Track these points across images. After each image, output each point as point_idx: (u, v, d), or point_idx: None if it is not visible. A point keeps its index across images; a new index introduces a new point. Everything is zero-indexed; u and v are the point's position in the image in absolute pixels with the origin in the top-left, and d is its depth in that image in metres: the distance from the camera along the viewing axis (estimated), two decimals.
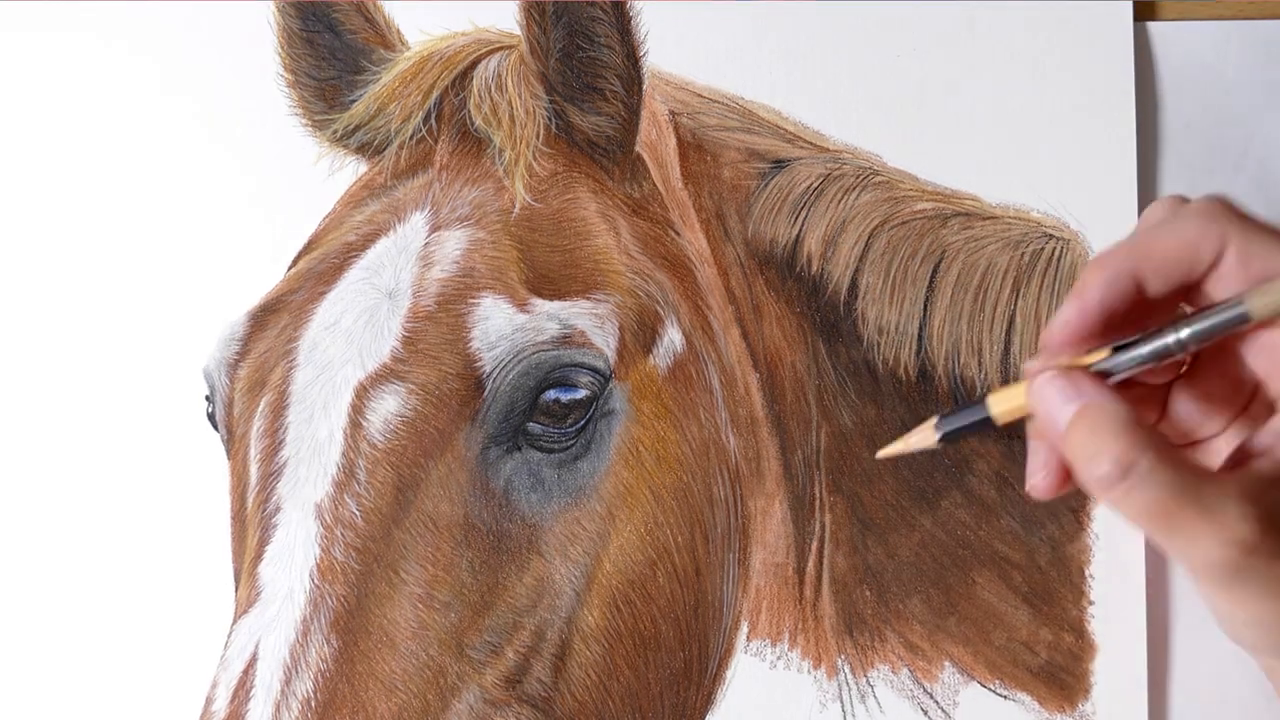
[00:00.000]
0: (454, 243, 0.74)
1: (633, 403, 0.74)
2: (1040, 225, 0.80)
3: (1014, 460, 0.79)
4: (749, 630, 0.80)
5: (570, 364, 0.71)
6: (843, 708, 0.80)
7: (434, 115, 0.78)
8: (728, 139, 0.81)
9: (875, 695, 0.80)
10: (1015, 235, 0.80)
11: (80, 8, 0.85)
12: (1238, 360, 0.62)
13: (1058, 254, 0.80)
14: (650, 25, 0.79)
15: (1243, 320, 0.58)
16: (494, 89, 0.76)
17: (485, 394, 0.70)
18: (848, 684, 0.80)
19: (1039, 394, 0.59)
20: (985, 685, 0.80)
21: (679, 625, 0.74)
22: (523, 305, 0.72)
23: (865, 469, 0.80)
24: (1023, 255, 0.80)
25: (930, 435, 0.64)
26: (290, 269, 0.79)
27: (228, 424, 0.76)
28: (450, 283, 0.72)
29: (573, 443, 0.72)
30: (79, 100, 0.85)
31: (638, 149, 0.78)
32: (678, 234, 0.79)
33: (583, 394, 0.72)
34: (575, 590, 0.71)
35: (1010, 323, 0.79)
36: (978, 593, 0.80)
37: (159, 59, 0.84)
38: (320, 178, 0.82)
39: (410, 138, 0.78)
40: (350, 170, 0.81)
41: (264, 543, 0.70)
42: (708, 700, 0.78)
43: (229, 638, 0.69)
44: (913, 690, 0.80)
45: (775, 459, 0.79)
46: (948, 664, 0.80)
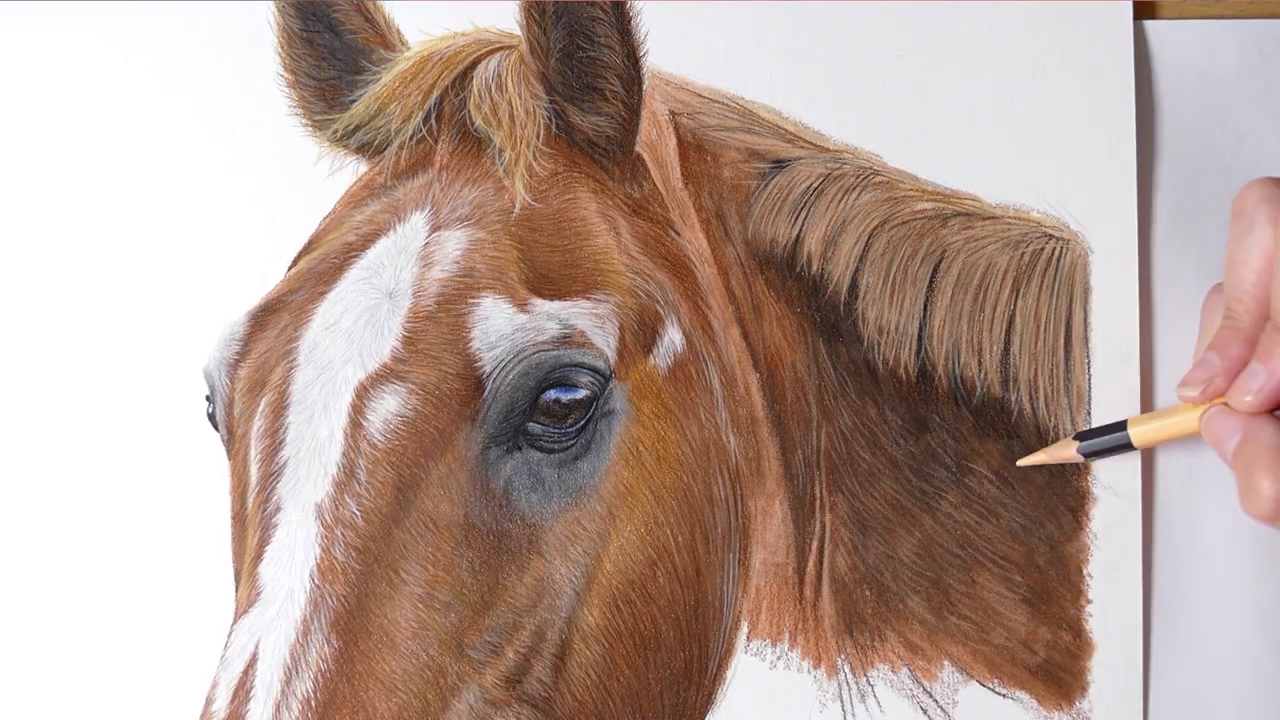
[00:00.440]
0: (454, 243, 0.73)
1: (633, 403, 0.74)
2: (1040, 225, 0.80)
3: (1013, 461, 0.80)
4: (749, 630, 0.80)
5: (570, 364, 0.71)
6: (843, 707, 0.80)
7: (434, 115, 0.78)
8: (728, 139, 0.81)
9: (875, 694, 0.80)
10: (1015, 235, 0.80)
11: (80, 8, 0.84)
12: None
13: (1058, 254, 0.80)
14: (650, 25, 0.79)
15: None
16: (494, 89, 0.76)
17: (485, 394, 0.70)
18: (848, 683, 0.80)
19: (1207, 426, 0.69)
20: (984, 684, 0.80)
21: (679, 625, 0.74)
22: (523, 305, 0.72)
23: (866, 469, 0.80)
24: (1023, 255, 0.80)
25: (1072, 452, 0.77)
26: (290, 269, 0.79)
27: (228, 424, 0.76)
28: (450, 283, 0.72)
29: (573, 443, 0.72)
30: (78, 100, 0.85)
31: (638, 149, 0.78)
32: (678, 234, 0.79)
33: (583, 394, 0.72)
34: (575, 590, 0.71)
35: (1010, 322, 0.80)
36: (977, 592, 0.80)
37: (159, 59, 0.84)
38: (320, 178, 0.82)
39: (410, 138, 0.78)
40: (350, 170, 0.81)
41: (264, 543, 0.70)
42: (708, 700, 0.79)
43: (229, 638, 0.69)
44: (912, 689, 0.80)
45: (775, 459, 0.79)
46: (947, 663, 0.80)
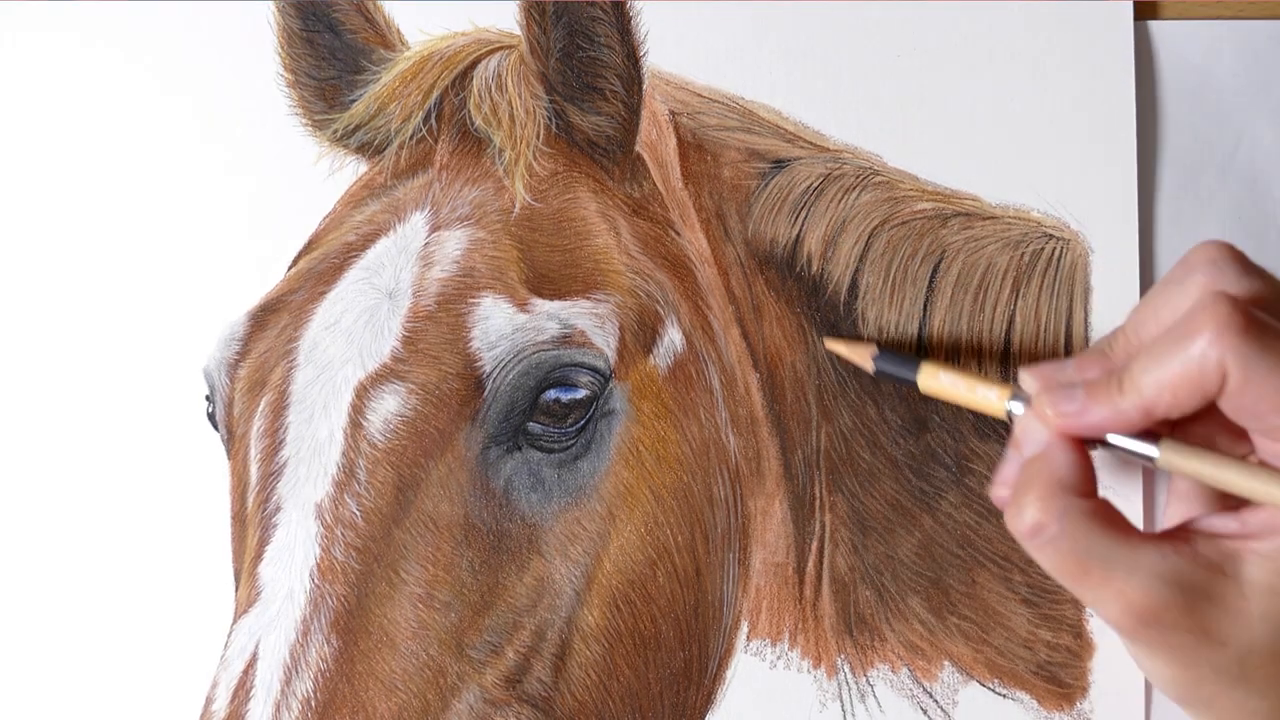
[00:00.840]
0: (454, 242, 0.74)
1: (633, 402, 0.74)
2: (1040, 225, 0.80)
3: None
4: (749, 630, 0.80)
5: (570, 364, 0.71)
6: (842, 707, 0.80)
7: (434, 115, 0.78)
8: (728, 139, 0.81)
9: (875, 694, 0.80)
10: (1015, 235, 0.80)
11: (79, 8, 0.85)
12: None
13: (1058, 254, 0.80)
14: (650, 25, 0.80)
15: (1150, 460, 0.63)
16: (494, 89, 0.76)
17: (485, 394, 0.70)
18: (847, 683, 0.80)
19: (1018, 427, 0.65)
20: (984, 684, 0.80)
21: (679, 625, 0.74)
22: (523, 305, 0.72)
23: (866, 469, 0.80)
24: (1023, 255, 0.80)
25: (867, 358, 0.74)
26: (290, 269, 0.79)
27: (228, 424, 0.76)
28: (450, 282, 0.72)
29: (573, 442, 0.72)
30: (78, 100, 0.85)
31: (638, 149, 0.78)
32: (678, 234, 0.79)
33: (583, 394, 0.72)
34: (575, 590, 0.71)
35: (1010, 323, 0.79)
36: (977, 592, 0.80)
37: (158, 59, 0.84)
38: (320, 178, 0.82)
39: (410, 137, 0.78)
40: (350, 170, 0.81)
41: (264, 542, 0.70)
42: (708, 700, 0.78)
43: (229, 637, 0.69)
44: (912, 689, 0.80)
45: (775, 459, 0.79)
46: (947, 663, 0.80)
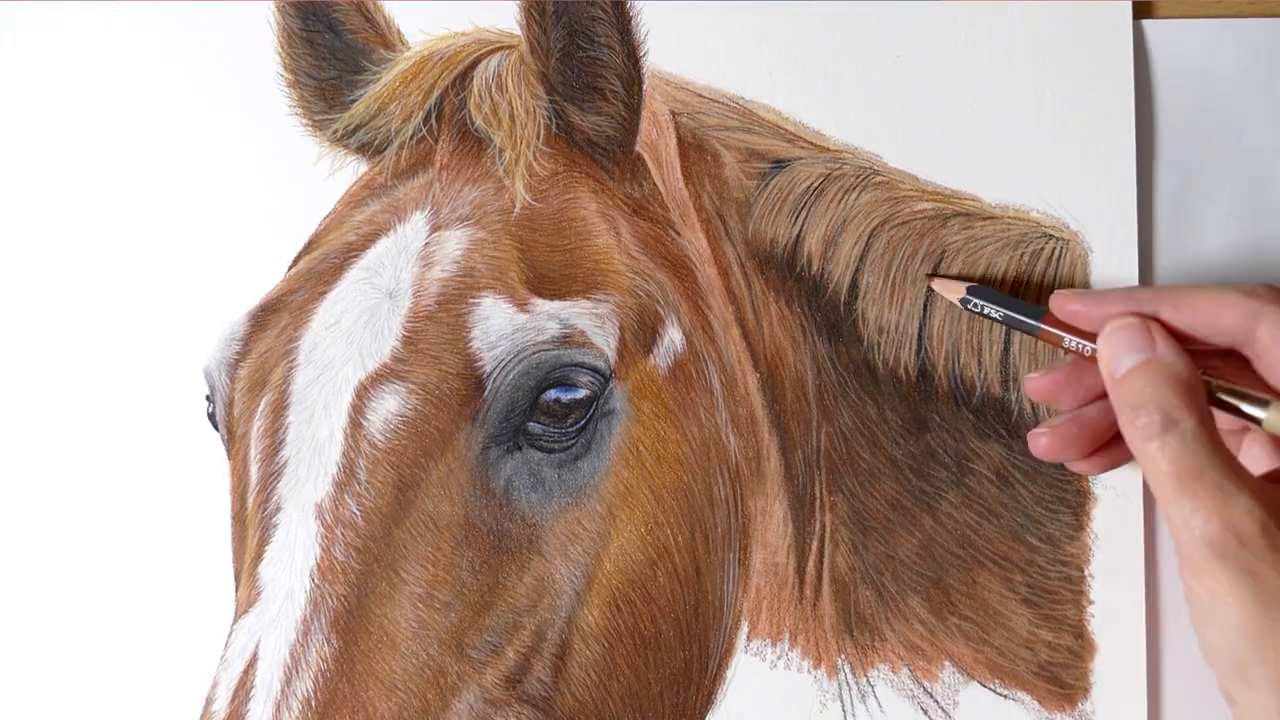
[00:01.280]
0: (454, 242, 0.74)
1: (633, 402, 0.74)
2: (1040, 225, 0.80)
3: (1014, 461, 0.79)
4: (749, 630, 0.80)
5: (570, 364, 0.71)
6: (843, 707, 0.80)
7: (434, 115, 0.78)
8: (728, 139, 0.81)
9: (875, 695, 0.80)
10: (1015, 235, 0.80)
11: (79, 8, 0.85)
12: None
13: (1057, 254, 0.80)
14: (650, 25, 0.80)
15: (1252, 418, 0.63)
16: (494, 89, 0.77)
17: (485, 394, 0.70)
18: (848, 684, 0.80)
19: (1114, 335, 0.63)
20: (985, 685, 0.80)
21: (679, 625, 0.74)
22: (523, 305, 0.72)
23: (866, 469, 0.80)
24: (1022, 255, 0.80)
25: (960, 292, 0.73)
26: (290, 269, 0.79)
27: (228, 424, 0.76)
28: (451, 282, 0.72)
29: (573, 442, 0.72)
30: (78, 100, 0.85)
31: (638, 149, 0.79)
32: (678, 234, 0.79)
33: (583, 394, 0.72)
34: (575, 590, 0.71)
35: None
36: (978, 593, 0.80)
37: (158, 59, 0.84)
38: (320, 178, 0.82)
39: (410, 137, 0.78)
40: (350, 170, 0.81)
41: (264, 542, 0.70)
42: (708, 700, 0.78)
43: (229, 637, 0.69)
44: (913, 690, 0.80)
45: (775, 459, 0.79)
46: (948, 663, 0.80)
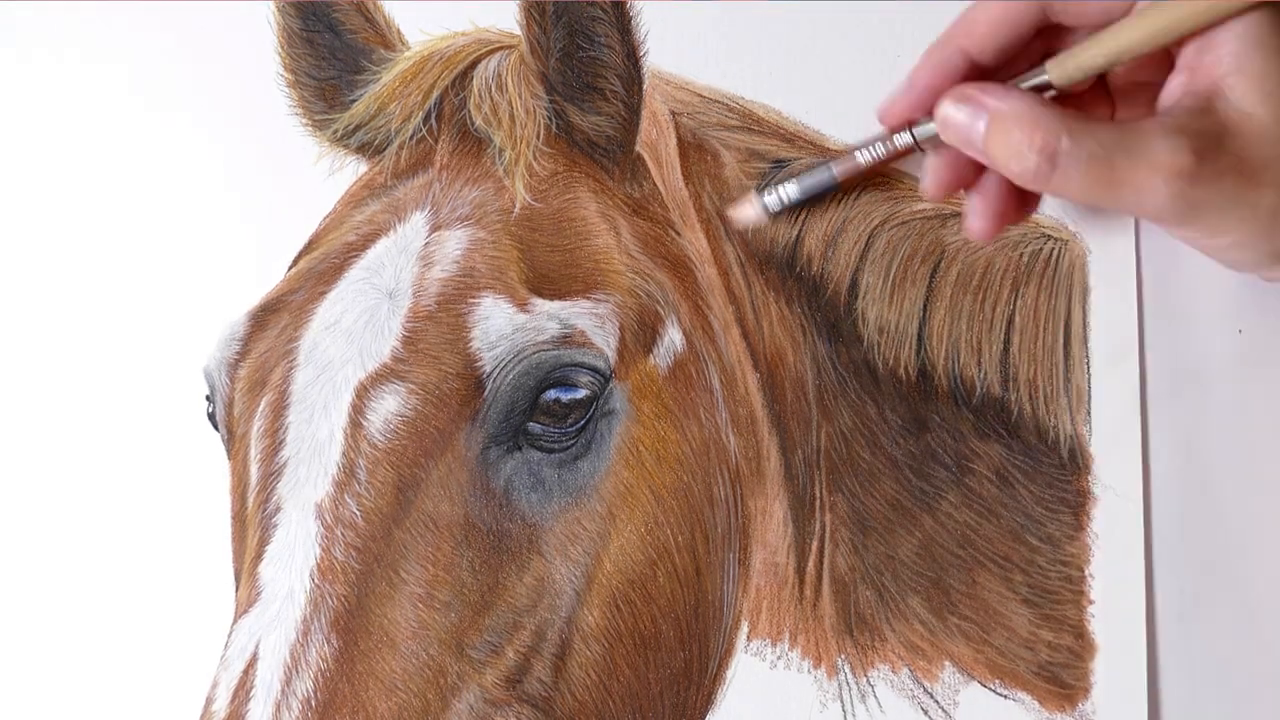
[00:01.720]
0: (454, 242, 0.74)
1: (633, 402, 0.74)
2: (1038, 225, 0.80)
3: (1014, 461, 0.79)
4: (749, 630, 0.80)
5: (570, 364, 0.71)
6: (843, 707, 0.80)
7: (434, 115, 0.78)
8: (728, 139, 0.81)
9: (875, 695, 0.80)
10: (1014, 235, 0.80)
11: (80, 8, 0.85)
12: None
13: (1056, 254, 0.80)
14: (650, 25, 0.80)
15: (1047, 87, 0.64)
16: (494, 89, 0.77)
17: (485, 394, 0.70)
18: (848, 684, 0.80)
19: (947, 118, 0.63)
20: (985, 685, 0.80)
21: (679, 625, 0.74)
22: (523, 305, 0.72)
23: (866, 469, 0.80)
24: (1021, 255, 0.80)
25: (757, 207, 0.73)
26: (290, 269, 0.79)
27: (228, 424, 0.76)
28: (450, 282, 0.72)
29: (573, 442, 0.72)
30: (78, 100, 0.85)
31: (638, 149, 0.79)
32: (678, 234, 0.79)
33: (583, 394, 0.72)
34: (575, 590, 0.71)
35: (1009, 322, 0.80)
36: (978, 592, 0.80)
37: (159, 59, 0.85)
38: (320, 178, 0.82)
39: (410, 137, 0.78)
40: (350, 170, 0.81)
41: (264, 542, 0.70)
42: (708, 700, 0.78)
43: (229, 637, 0.69)
44: (913, 690, 0.80)
45: (775, 459, 0.79)
46: (948, 664, 0.80)
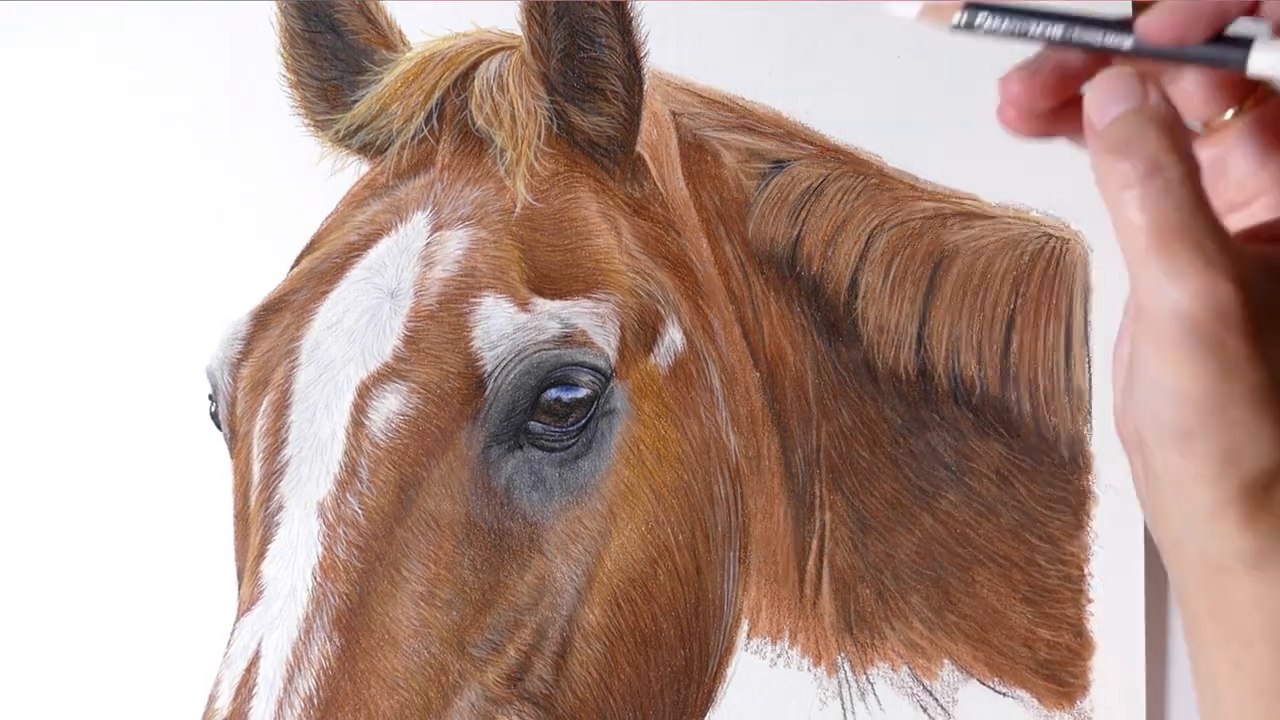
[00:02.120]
0: (456, 242, 0.74)
1: (634, 401, 0.74)
2: (1040, 225, 0.80)
3: (1014, 459, 0.80)
4: (749, 628, 0.80)
5: (571, 363, 0.71)
6: (842, 705, 0.80)
7: (436, 115, 0.78)
8: (728, 139, 0.81)
9: (875, 693, 0.80)
10: (1015, 235, 0.80)
11: (83, 8, 0.85)
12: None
13: (1057, 253, 0.80)
14: (650, 25, 0.80)
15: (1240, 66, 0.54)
16: (495, 89, 0.77)
17: (487, 393, 0.70)
18: (847, 681, 0.80)
19: (1103, 82, 0.56)
20: (984, 683, 0.80)
21: (680, 623, 0.74)
22: (524, 304, 0.72)
23: (865, 468, 0.80)
24: (1022, 255, 0.80)
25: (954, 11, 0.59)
26: (293, 268, 0.79)
27: (230, 423, 0.76)
28: (452, 282, 0.72)
29: (574, 441, 0.72)
30: (81, 100, 0.85)
31: (639, 149, 0.79)
32: (678, 234, 0.79)
33: (584, 393, 0.72)
34: (576, 588, 0.71)
35: (1010, 322, 0.80)
36: (977, 591, 0.80)
37: (162, 59, 0.85)
38: (322, 178, 0.82)
39: (412, 138, 0.78)
40: (352, 170, 0.81)
41: (266, 541, 0.70)
42: (708, 698, 0.79)
43: (232, 635, 0.69)
44: (912, 688, 0.80)
45: (775, 458, 0.80)
46: (947, 661, 0.80)
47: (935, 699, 0.80)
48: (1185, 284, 0.52)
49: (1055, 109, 0.60)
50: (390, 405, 0.70)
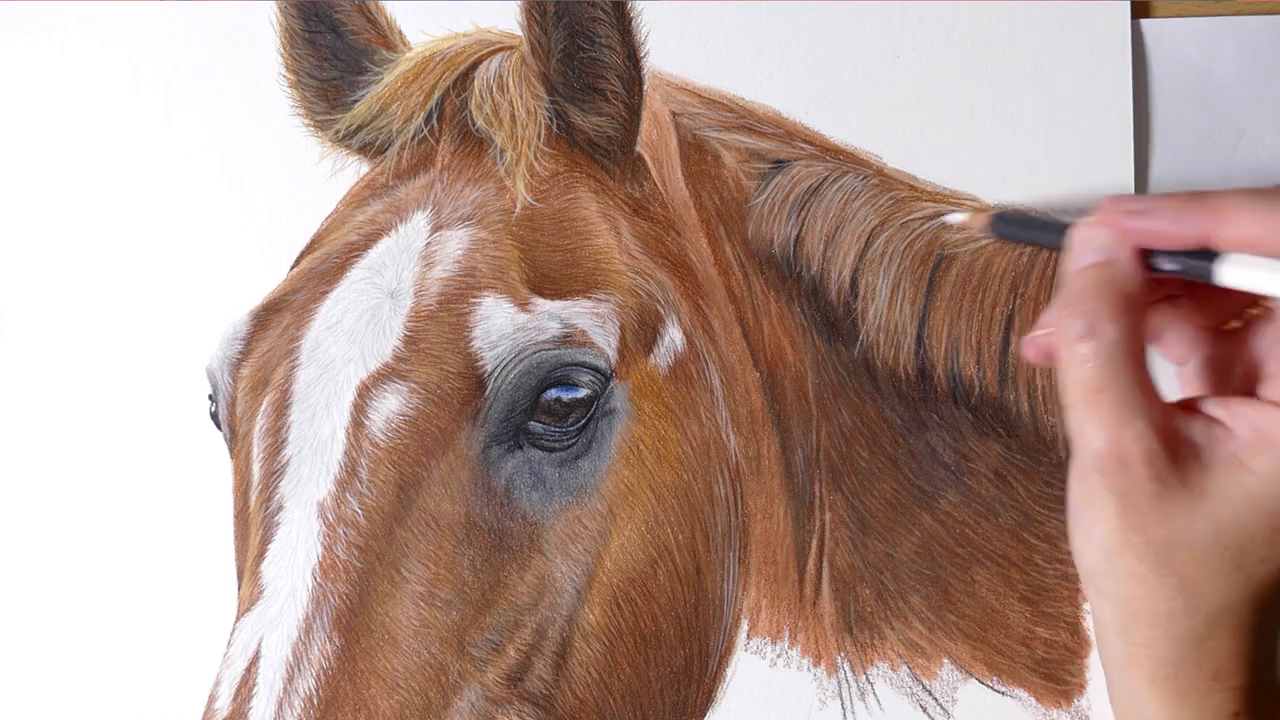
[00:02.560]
0: (456, 242, 0.74)
1: (634, 401, 0.74)
2: None
3: (1012, 459, 0.80)
4: (749, 628, 0.80)
5: (571, 363, 0.71)
6: (842, 705, 0.80)
7: (436, 115, 0.78)
8: (728, 139, 0.81)
9: (874, 692, 0.80)
10: None
11: (81, 8, 0.85)
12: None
13: (1055, 253, 0.80)
14: (650, 25, 0.80)
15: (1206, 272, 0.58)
16: (495, 89, 0.77)
17: (487, 393, 0.70)
18: (847, 681, 0.80)
19: (1080, 236, 0.60)
20: (983, 682, 0.80)
21: (680, 623, 0.75)
22: (524, 304, 0.72)
23: (865, 468, 0.80)
24: (1020, 255, 0.80)
25: (984, 223, 0.68)
26: (293, 268, 0.79)
27: (230, 423, 0.76)
28: (452, 282, 0.72)
29: (574, 441, 0.72)
30: (81, 101, 0.85)
31: (639, 149, 0.79)
32: (678, 234, 0.79)
33: (584, 393, 0.72)
34: (576, 588, 0.72)
35: (1009, 322, 0.80)
36: (976, 590, 0.80)
37: (161, 59, 0.84)
38: (322, 178, 0.82)
39: (412, 138, 0.78)
40: (352, 170, 0.81)
41: (266, 541, 0.70)
42: (708, 698, 0.79)
43: (232, 636, 0.69)
44: (912, 687, 0.80)
45: (775, 458, 0.80)
46: (946, 661, 0.80)
47: (935, 698, 0.80)
48: (1098, 430, 0.56)
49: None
50: (390, 405, 0.70)
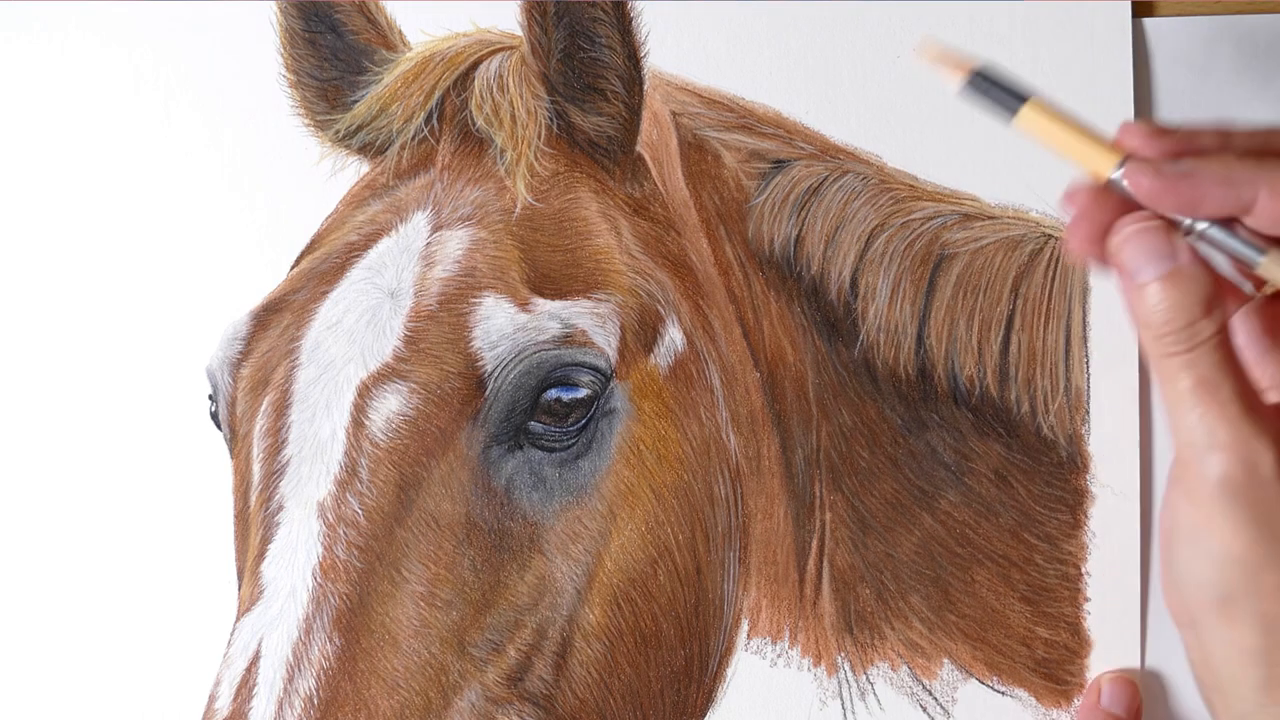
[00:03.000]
0: (456, 242, 0.74)
1: (634, 402, 0.74)
2: (1040, 225, 0.80)
3: (1013, 459, 0.80)
4: (749, 628, 0.80)
5: (572, 363, 0.71)
6: (842, 705, 0.80)
7: (436, 116, 0.78)
8: (728, 139, 0.81)
9: (875, 692, 0.80)
10: (1015, 235, 0.80)
11: (81, 8, 0.85)
12: None
13: (1057, 253, 0.80)
14: (650, 25, 0.80)
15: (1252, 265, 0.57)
16: (495, 89, 0.77)
17: (487, 393, 0.70)
18: (847, 681, 0.80)
19: (1131, 241, 0.57)
20: (983, 682, 0.80)
21: (680, 623, 0.75)
22: (524, 305, 0.72)
23: (865, 468, 0.80)
24: (1022, 255, 0.80)
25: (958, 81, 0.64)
26: (293, 268, 0.79)
27: (231, 423, 0.76)
28: (452, 282, 0.72)
29: (574, 441, 0.72)
30: (81, 101, 0.85)
31: (639, 149, 0.79)
32: (678, 234, 0.79)
33: (584, 393, 0.72)
34: (577, 588, 0.72)
35: (1009, 323, 0.80)
36: (976, 590, 0.80)
37: (161, 59, 0.84)
38: (322, 178, 0.82)
39: (412, 138, 0.78)
40: (352, 170, 0.81)
41: (266, 541, 0.70)
42: (708, 698, 0.79)
43: (232, 635, 0.69)
44: (912, 687, 0.80)
45: (776, 458, 0.80)
46: (946, 661, 0.80)
47: (935, 698, 0.80)
48: (1225, 454, 0.53)
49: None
50: (390, 405, 0.70)
